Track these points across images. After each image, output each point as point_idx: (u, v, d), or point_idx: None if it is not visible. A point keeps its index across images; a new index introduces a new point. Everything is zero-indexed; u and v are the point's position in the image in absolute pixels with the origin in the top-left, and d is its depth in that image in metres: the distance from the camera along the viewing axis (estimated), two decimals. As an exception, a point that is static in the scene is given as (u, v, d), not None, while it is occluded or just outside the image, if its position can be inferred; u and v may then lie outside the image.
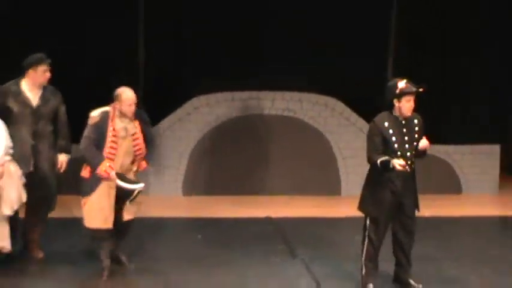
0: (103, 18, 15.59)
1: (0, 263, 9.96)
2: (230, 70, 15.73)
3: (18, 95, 10.48)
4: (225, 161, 15.10)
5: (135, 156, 9.78)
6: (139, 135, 9.76)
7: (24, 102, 10.48)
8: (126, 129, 9.66)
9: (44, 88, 10.62)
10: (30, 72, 10.51)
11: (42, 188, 10.57)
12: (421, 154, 9.75)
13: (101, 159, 9.51)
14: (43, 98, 10.59)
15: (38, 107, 10.55)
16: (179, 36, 16.19)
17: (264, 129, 15.13)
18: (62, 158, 10.75)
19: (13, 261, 10.27)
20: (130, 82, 13.76)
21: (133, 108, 9.66)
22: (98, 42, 15.53)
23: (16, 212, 10.18)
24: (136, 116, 9.76)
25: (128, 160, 9.72)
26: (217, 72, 15.66)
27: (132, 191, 9.66)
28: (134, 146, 9.73)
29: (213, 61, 15.95)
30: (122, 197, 9.66)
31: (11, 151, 9.93)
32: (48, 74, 10.57)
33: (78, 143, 9.81)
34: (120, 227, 9.83)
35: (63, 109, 10.76)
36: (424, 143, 9.69)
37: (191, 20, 16.07)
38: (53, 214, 11.10)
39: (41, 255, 10.85)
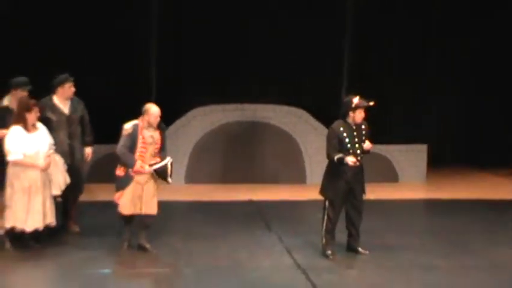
0: (121, 47, 15.58)
1: (45, 236, 9.96)
2: (223, 88, 15.83)
3: (54, 107, 10.50)
4: (218, 157, 15.08)
5: (156, 156, 9.79)
6: (160, 141, 9.80)
7: (59, 112, 10.51)
8: (152, 137, 9.68)
9: (71, 99, 10.65)
10: (59, 89, 10.53)
11: (76, 176, 10.56)
12: (366, 152, 9.82)
13: (135, 160, 9.55)
14: (72, 107, 10.62)
15: (70, 114, 10.58)
16: (183, 61, 16.23)
17: (247, 132, 15.10)
18: (88, 150, 10.86)
19: (55, 234, 10.25)
20: (145, 97, 13.89)
21: (158, 119, 9.67)
22: (118, 67, 15.51)
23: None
24: (159, 126, 9.77)
25: (153, 160, 9.71)
26: (211, 90, 15.74)
27: (166, 165, 9.65)
28: (155, 149, 9.75)
29: (209, 80, 16.06)
30: (162, 175, 9.65)
31: (54, 147, 9.95)
32: (73, 89, 10.59)
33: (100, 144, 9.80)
34: (144, 219, 9.84)
35: (86, 112, 10.81)
36: (368, 144, 9.77)
37: (191, 47, 16.14)
38: (85, 198, 11.11)
39: (77, 229, 10.83)
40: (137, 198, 9.66)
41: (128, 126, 9.65)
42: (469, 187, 15.24)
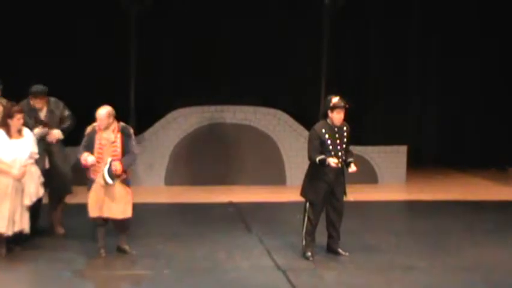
0: (102, 54, 15.54)
1: (28, 238, 9.94)
2: (200, 90, 15.82)
3: (31, 112, 10.41)
4: (197, 159, 15.02)
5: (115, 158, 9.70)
6: (119, 144, 9.64)
7: (36, 118, 10.44)
8: (107, 139, 9.60)
9: (48, 102, 10.57)
10: (31, 97, 10.46)
11: (57, 180, 10.52)
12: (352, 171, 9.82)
13: (81, 154, 9.55)
14: (49, 112, 10.54)
15: (47, 120, 10.50)
16: (162, 65, 16.21)
17: (227, 134, 15.07)
18: (55, 132, 10.52)
19: (38, 236, 10.29)
20: (124, 100, 13.84)
21: (105, 122, 9.54)
22: (100, 73, 15.46)
23: (40, 200, 10.12)
24: (121, 129, 9.71)
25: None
26: (191, 92, 15.74)
27: (106, 181, 9.55)
28: (113, 151, 9.63)
29: (187, 83, 16.05)
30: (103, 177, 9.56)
31: (36, 156, 9.85)
32: (39, 105, 10.44)
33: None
34: (118, 223, 9.79)
35: (66, 112, 10.66)
36: (353, 168, 9.76)
37: (172, 53, 16.13)
38: (67, 200, 11.02)
39: (62, 231, 10.80)
40: (101, 201, 9.61)
41: (88, 128, 9.70)
42: (448, 188, 15.28)
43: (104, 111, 9.60)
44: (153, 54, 16.06)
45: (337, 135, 9.65)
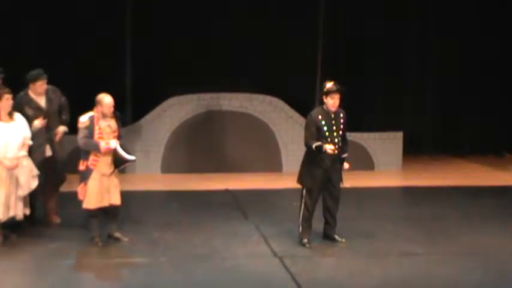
0: (98, 40, 15.47)
1: (25, 227, 9.96)
2: (199, 78, 15.78)
3: (30, 102, 10.29)
4: (193, 146, 15.01)
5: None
6: (117, 129, 9.71)
7: (36, 107, 10.31)
8: (110, 126, 9.60)
9: (47, 90, 10.44)
10: (31, 85, 10.31)
11: (54, 167, 10.45)
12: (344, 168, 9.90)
13: (98, 143, 9.44)
14: (48, 100, 10.42)
15: (47, 109, 10.38)
16: (159, 53, 16.15)
17: (223, 122, 15.05)
18: (61, 129, 10.48)
19: (34, 226, 10.28)
20: (121, 88, 13.75)
21: (112, 109, 9.60)
22: (96, 60, 15.39)
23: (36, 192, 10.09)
24: (115, 115, 9.69)
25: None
26: (186, 80, 15.69)
27: (126, 160, 9.58)
28: (114, 137, 9.62)
29: (183, 70, 15.99)
30: (116, 163, 9.58)
31: (30, 142, 9.75)
32: (44, 86, 10.33)
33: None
34: (110, 210, 9.77)
35: (63, 99, 10.56)
36: (346, 166, 9.85)
37: (167, 41, 16.05)
38: (63, 189, 10.97)
39: (57, 220, 10.75)
40: (105, 191, 9.59)
41: (84, 119, 9.58)
42: (445, 174, 15.29)
43: (111, 99, 9.59)
44: (149, 40, 15.99)
45: (333, 122, 9.62)
